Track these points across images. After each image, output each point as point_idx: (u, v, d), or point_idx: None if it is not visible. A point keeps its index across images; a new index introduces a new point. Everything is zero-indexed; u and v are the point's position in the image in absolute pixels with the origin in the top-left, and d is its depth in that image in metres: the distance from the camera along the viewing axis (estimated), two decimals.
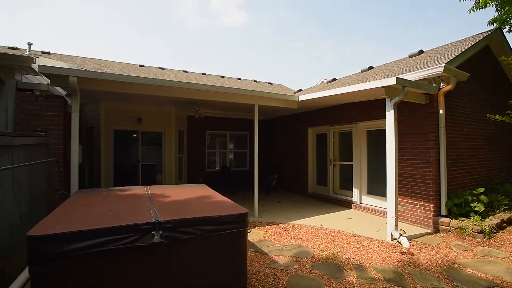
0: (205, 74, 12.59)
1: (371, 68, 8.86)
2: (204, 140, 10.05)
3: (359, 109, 6.60)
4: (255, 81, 13.78)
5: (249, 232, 2.80)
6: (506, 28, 7.74)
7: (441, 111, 5.01)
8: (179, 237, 2.30)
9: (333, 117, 7.52)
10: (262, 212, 6.33)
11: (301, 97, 6.66)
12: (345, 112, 7.05)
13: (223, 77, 12.96)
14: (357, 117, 6.71)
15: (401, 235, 4.17)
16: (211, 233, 2.45)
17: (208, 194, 3.60)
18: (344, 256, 3.85)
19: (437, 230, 4.90)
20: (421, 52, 7.41)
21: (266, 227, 5.22)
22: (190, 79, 9.98)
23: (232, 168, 10.47)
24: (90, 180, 7.54)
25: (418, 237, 4.64)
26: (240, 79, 13.43)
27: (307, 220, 5.71)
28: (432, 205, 4.97)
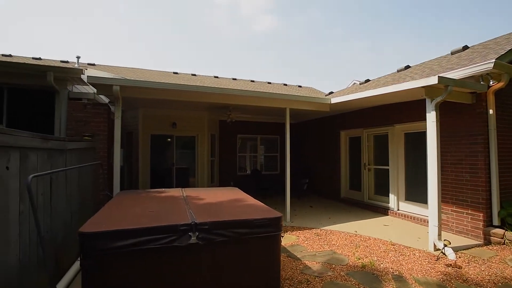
0: (235, 79, 12.83)
1: (408, 67, 8.39)
2: (235, 144, 10.22)
3: (395, 110, 6.28)
4: (284, 84, 13.74)
5: (282, 237, 2.78)
6: None
7: (490, 111, 4.59)
8: (214, 239, 2.35)
9: (367, 119, 7.24)
10: (293, 217, 6.26)
11: (333, 100, 6.51)
12: (380, 114, 6.75)
13: (253, 81, 13.10)
14: (393, 119, 6.38)
15: (445, 245, 3.87)
16: (245, 236, 2.48)
17: (241, 197, 3.65)
18: (382, 265, 3.66)
19: (488, 242, 4.46)
20: (465, 48, 6.87)
21: (298, 231, 5.14)
22: (222, 84, 10.24)
23: (263, 172, 10.50)
24: (129, 182, 8.03)
25: (465, 249, 4.26)
26: (270, 83, 13.47)
27: (340, 226, 5.53)
28: (481, 214, 4.54)
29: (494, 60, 4.26)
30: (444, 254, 3.85)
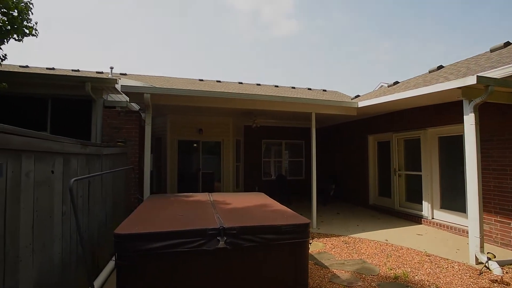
0: (259, 85, 12.93)
1: (441, 67, 7.96)
2: (260, 149, 10.24)
3: (427, 113, 5.96)
4: (309, 89, 13.61)
5: (310, 244, 2.72)
6: None
7: None
8: (241, 244, 2.35)
9: (396, 123, 6.94)
10: (320, 223, 6.11)
11: (360, 104, 6.32)
12: (411, 117, 6.44)
13: (277, 86, 13.12)
14: (425, 122, 6.06)
15: (489, 258, 3.56)
16: (272, 242, 2.45)
17: (267, 202, 3.63)
18: (417, 277, 3.45)
19: None
20: (507, 44, 6.39)
21: (325, 239, 5.01)
22: (246, 90, 10.36)
23: (288, 177, 10.41)
24: (158, 186, 8.32)
25: None
26: (294, 87, 13.42)
27: (369, 233, 5.31)
28: None
29: None
30: (488, 268, 3.55)
